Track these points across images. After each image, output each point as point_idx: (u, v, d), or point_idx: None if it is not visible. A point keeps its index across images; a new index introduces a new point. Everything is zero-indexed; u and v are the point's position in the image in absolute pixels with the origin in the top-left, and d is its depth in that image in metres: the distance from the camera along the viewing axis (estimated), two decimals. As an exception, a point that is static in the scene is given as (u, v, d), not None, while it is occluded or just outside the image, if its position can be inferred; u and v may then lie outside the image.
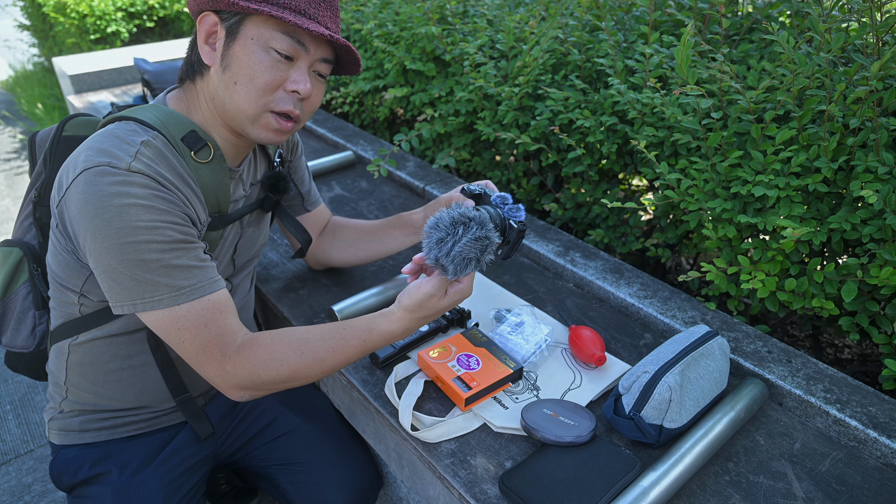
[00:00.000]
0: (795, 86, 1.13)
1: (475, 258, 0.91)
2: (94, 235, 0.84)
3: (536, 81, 1.67)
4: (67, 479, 1.11)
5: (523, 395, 1.07)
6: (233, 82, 0.93)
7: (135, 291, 0.87)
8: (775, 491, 0.90)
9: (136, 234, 0.84)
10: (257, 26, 0.91)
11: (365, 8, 2.35)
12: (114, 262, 0.85)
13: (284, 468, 1.24)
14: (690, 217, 1.29)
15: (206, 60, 0.95)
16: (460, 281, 0.95)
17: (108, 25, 4.34)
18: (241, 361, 0.91)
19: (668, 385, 0.94)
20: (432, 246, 0.92)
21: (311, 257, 1.39)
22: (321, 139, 2.29)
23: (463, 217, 0.91)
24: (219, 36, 0.94)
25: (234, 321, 0.94)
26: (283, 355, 0.92)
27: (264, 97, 0.93)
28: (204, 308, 0.90)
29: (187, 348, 0.90)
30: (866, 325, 1.13)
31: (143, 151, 0.88)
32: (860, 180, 1.07)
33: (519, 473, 0.90)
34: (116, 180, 0.84)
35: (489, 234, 0.92)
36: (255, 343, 0.93)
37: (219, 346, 0.91)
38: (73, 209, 0.86)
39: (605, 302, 1.34)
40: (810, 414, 1.03)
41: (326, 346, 0.94)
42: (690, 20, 1.17)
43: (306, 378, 0.95)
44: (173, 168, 0.91)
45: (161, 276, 0.87)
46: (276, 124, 0.97)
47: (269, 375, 0.92)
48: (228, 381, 0.92)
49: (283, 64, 0.93)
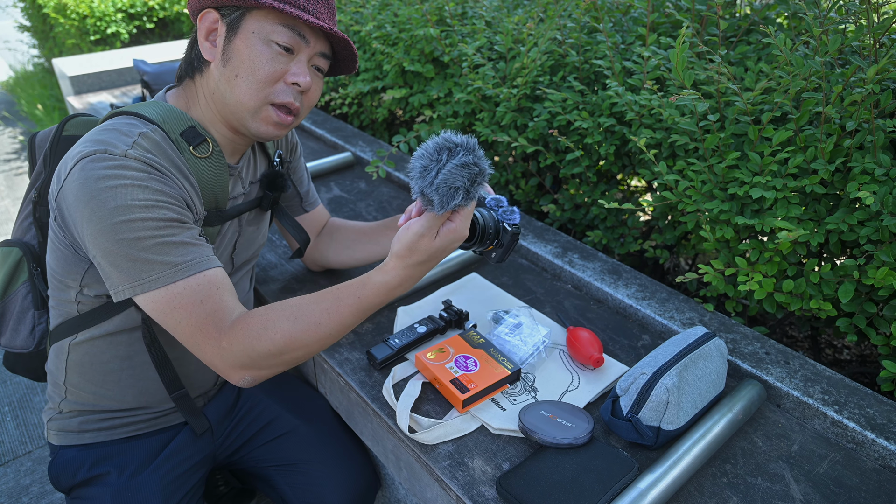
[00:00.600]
0: (792, 88, 1.13)
1: (463, 187, 0.83)
2: (90, 219, 0.84)
3: (534, 83, 1.67)
4: (66, 481, 1.11)
5: (521, 396, 1.07)
6: (234, 75, 0.95)
7: (131, 273, 0.86)
8: (773, 493, 0.90)
9: (130, 213, 0.84)
10: (258, 20, 0.94)
11: (364, 10, 2.35)
12: (109, 244, 0.85)
13: (282, 469, 1.24)
14: (688, 218, 1.29)
15: (207, 56, 0.97)
16: (452, 220, 0.90)
17: (108, 27, 4.35)
18: (235, 335, 0.89)
19: (665, 387, 0.94)
20: (416, 177, 0.85)
21: (309, 258, 1.40)
22: (320, 140, 2.30)
23: (448, 142, 0.84)
24: (219, 32, 0.96)
25: (231, 299, 0.92)
26: (275, 323, 0.90)
27: (265, 89, 0.95)
28: (199, 283, 0.88)
29: (184, 329, 0.88)
30: (864, 326, 1.13)
31: (140, 142, 0.89)
32: (857, 182, 1.07)
33: (516, 475, 0.90)
34: (112, 164, 0.85)
35: (478, 161, 0.84)
36: (248, 315, 0.91)
37: (214, 323, 0.88)
38: (70, 197, 0.86)
39: (603, 303, 1.34)
40: (808, 415, 1.03)
41: (320, 309, 0.92)
42: (687, 20, 1.17)
43: (305, 346, 0.92)
44: (171, 160, 0.93)
45: (156, 254, 0.86)
46: (276, 117, 0.98)
47: (264, 346, 0.89)
48: (226, 359, 0.89)
49: (283, 56, 0.95)
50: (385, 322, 1.27)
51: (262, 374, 0.93)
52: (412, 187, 0.87)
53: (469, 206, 0.88)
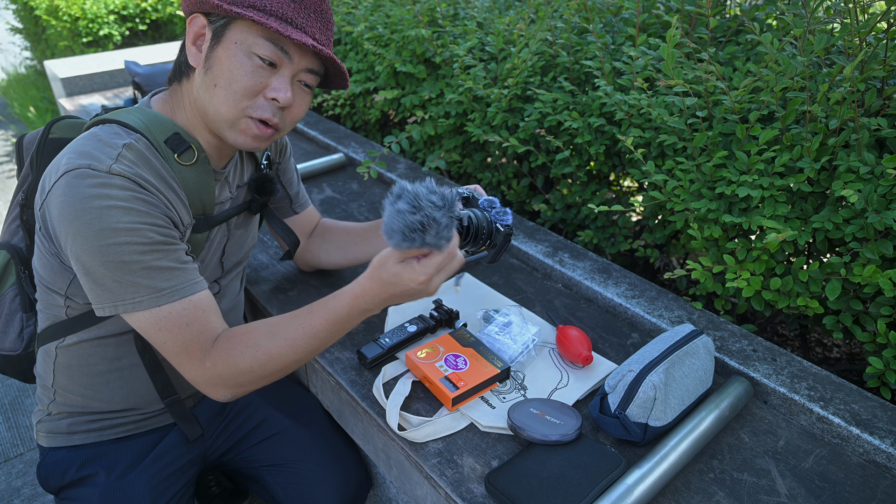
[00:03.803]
0: (778, 87, 1.14)
1: (399, 230, 0.83)
2: (75, 238, 0.85)
3: (525, 83, 1.68)
4: (55, 481, 1.11)
5: (510, 394, 1.08)
6: (213, 84, 0.93)
7: (116, 293, 0.87)
8: (759, 488, 0.91)
9: (115, 236, 0.84)
10: (242, 31, 0.91)
11: (356, 10, 2.35)
12: (94, 264, 0.85)
13: (273, 469, 1.24)
14: (677, 217, 1.30)
15: (192, 62, 0.96)
16: (420, 260, 0.86)
17: (101, 28, 4.34)
18: (218, 354, 0.91)
19: (652, 384, 0.94)
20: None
21: (300, 259, 1.40)
22: (312, 141, 2.30)
23: (401, 189, 0.83)
24: (206, 38, 0.94)
25: (216, 320, 0.94)
26: (255, 340, 0.92)
27: (242, 102, 0.93)
28: (185, 309, 0.90)
29: (169, 349, 0.91)
30: (850, 323, 1.14)
31: (125, 154, 0.88)
32: (842, 180, 1.08)
33: (505, 472, 0.91)
34: (96, 182, 0.84)
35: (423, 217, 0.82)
36: (230, 335, 0.93)
37: (199, 345, 0.91)
38: (54, 212, 0.86)
39: (593, 302, 1.35)
40: (794, 412, 1.04)
41: (296, 324, 0.93)
42: (676, 17, 1.18)
43: (283, 362, 0.92)
44: (155, 171, 0.92)
45: (141, 278, 0.87)
46: (255, 129, 0.96)
47: (245, 364, 0.91)
48: (208, 378, 0.92)
49: (264, 70, 0.93)
50: (375, 321, 1.28)
51: (242, 391, 0.95)
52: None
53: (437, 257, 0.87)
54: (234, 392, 0.95)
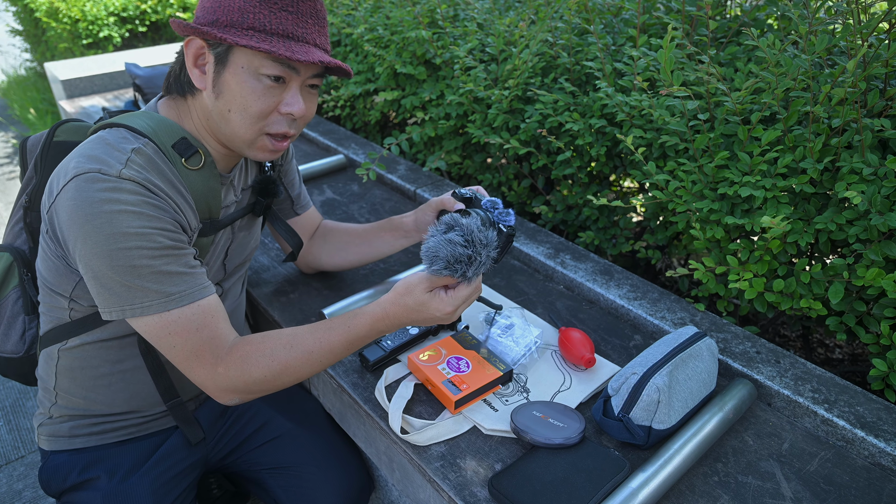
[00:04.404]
0: (780, 88, 1.13)
1: (445, 258, 0.91)
2: (85, 241, 0.84)
3: (526, 84, 1.67)
4: (56, 485, 1.11)
5: (513, 397, 1.07)
6: (227, 110, 0.94)
7: (124, 297, 0.87)
8: (764, 491, 0.91)
9: (126, 241, 0.84)
10: (246, 54, 0.90)
11: (356, 12, 2.35)
12: (104, 268, 0.85)
13: (275, 472, 1.24)
14: (679, 218, 1.30)
15: (198, 84, 0.95)
16: (448, 291, 0.95)
17: (101, 30, 4.33)
18: (232, 361, 0.92)
19: (656, 386, 0.94)
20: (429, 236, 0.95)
21: (301, 261, 1.39)
22: (313, 143, 2.30)
23: (454, 221, 0.93)
24: (207, 60, 0.94)
25: (225, 325, 0.95)
26: (272, 350, 0.94)
27: (259, 122, 0.94)
28: (194, 313, 0.91)
29: (178, 353, 0.91)
30: (853, 325, 1.13)
31: (134, 158, 0.88)
32: (845, 181, 1.08)
33: (508, 476, 0.90)
34: (106, 187, 0.84)
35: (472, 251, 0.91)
36: (245, 342, 0.94)
37: (211, 350, 0.92)
38: (63, 215, 0.86)
39: (595, 304, 1.34)
40: (798, 414, 1.03)
41: (314, 338, 0.95)
42: (675, 21, 1.18)
43: (296, 374, 0.95)
44: (164, 175, 0.92)
45: (151, 283, 0.87)
46: (271, 145, 0.98)
47: (259, 373, 0.93)
48: (219, 383, 0.93)
49: (275, 89, 0.93)
50: (377, 324, 1.27)
51: (250, 397, 0.97)
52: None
53: (466, 290, 0.95)
54: (243, 398, 0.96)
